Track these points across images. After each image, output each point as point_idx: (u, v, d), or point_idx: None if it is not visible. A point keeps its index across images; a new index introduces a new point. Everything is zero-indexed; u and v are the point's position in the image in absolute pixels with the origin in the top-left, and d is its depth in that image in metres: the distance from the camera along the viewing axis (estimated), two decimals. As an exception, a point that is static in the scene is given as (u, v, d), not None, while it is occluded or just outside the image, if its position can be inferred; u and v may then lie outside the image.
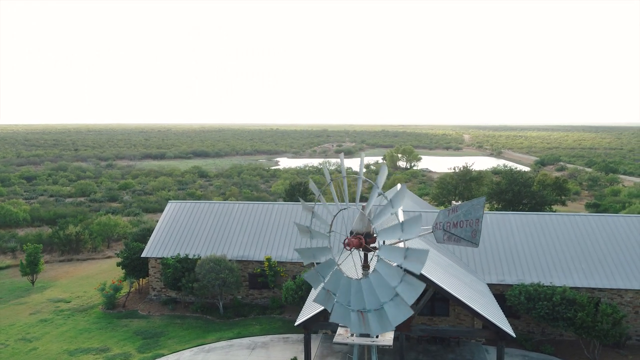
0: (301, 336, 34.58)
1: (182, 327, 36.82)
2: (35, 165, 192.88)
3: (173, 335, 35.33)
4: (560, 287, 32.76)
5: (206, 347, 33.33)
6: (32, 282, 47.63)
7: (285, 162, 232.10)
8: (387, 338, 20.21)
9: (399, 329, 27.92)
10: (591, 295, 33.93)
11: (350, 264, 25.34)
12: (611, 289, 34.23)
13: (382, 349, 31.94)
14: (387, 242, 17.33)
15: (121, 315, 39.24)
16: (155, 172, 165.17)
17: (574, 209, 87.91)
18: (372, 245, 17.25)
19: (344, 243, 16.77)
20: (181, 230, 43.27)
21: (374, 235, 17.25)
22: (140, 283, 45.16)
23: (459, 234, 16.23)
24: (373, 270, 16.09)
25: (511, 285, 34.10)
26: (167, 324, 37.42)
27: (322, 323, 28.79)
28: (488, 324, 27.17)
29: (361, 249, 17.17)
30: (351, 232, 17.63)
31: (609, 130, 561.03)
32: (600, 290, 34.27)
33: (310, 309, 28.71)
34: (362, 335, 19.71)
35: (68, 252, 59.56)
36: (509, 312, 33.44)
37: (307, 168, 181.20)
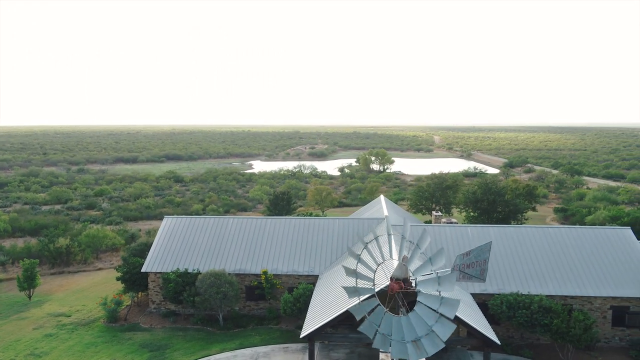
0: (300, 345, 36.97)
1: (185, 339, 38.79)
2: (4, 170, 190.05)
3: (178, 347, 37.29)
4: (537, 295, 35.94)
5: (211, 358, 35.43)
6: (29, 297, 48.76)
7: (259, 166, 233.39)
8: None
9: (395, 339, 30.57)
10: (564, 303, 37.24)
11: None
12: (582, 297, 37.63)
13: (378, 357, 34.58)
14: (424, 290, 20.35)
15: (124, 329, 40.94)
16: (129, 177, 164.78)
17: (544, 212, 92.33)
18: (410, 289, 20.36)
19: (388, 289, 19.57)
20: (179, 245, 45.14)
21: (411, 281, 20.14)
22: (139, 296, 46.80)
23: (471, 273, 19.18)
24: (413, 311, 19.25)
25: (492, 295, 37.12)
26: (170, 336, 39.32)
27: (324, 334, 31.21)
28: (475, 333, 30.00)
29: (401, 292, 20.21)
30: (391, 278, 20.34)
31: (573, 131, 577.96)
32: (572, 297, 37.63)
33: (313, 322, 31.08)
34: (394, 358, 22.68)
35: (58, 264, 60.55)
36: (491, 319, 36.42)
37: (282, 172, 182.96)
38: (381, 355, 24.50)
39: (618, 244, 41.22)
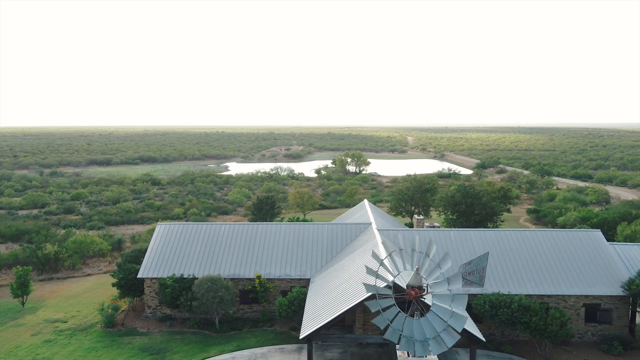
0: (295, 346, 38.88)
1: (183, 342, 40.29)
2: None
3: (177, 350, 38.79)
4: (517, 295, 38.49)
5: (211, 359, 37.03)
6: (23, 304, 49.49)
7: (235, 167, 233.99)
8: (432, 357, 26.56)
9: (389, 339, 32.73)
10: (542, 301, 39.92)
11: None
12: (557, 295, 40.37)
13: (370, 356, 36.71)
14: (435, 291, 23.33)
15: (122, 333, 42.20)
16: (105, 181, 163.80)
17: (517, 213, 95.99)
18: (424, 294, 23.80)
19: (406, 296, 22.62)
20: (173, 251, 46.54)
21: (425, 287, 23.27)
22: (134, 302, 47.99)
23: (471, 279, 21.65)
24: (430, 311, 22.31)
25: (476, 295, 39.54)
26: (168, 339, 40.77)
27: (322, 335, 33.13)
28: (462, 331, 32.27)
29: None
30: (407, 286, 22.91)
31: (542, 132, 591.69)
32: (549, 296, 40.36)
33: (311, 324, 32.96)
34: (417, 356, 25.23)
35: (47, 271, 61.11)
36: (475, 317, 38.84)
37: (259, 174, 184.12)
38: (398, 353, 26.60)
39: (589, 246, 44.15)
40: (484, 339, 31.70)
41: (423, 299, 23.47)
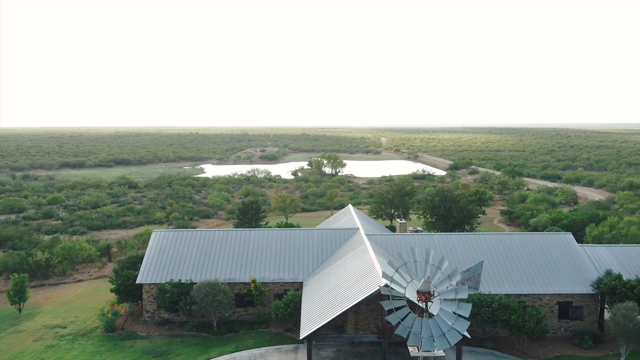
0: (291, 346, 41.26)
1: (184, 344, 42.23)
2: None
3: (179, 352, 40.74)
4: (497, 295, 41.54)
5: (212, 361, 39.08)
6: (20, 310, 50.63)
7: (211, 170, 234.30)
8: (439, 352, 29.93)
9: (382, 337, 35.40)
10: (519, 300, 43.08)
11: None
12: (533, 294, 43.65)
13: (363, 354, 39.28)
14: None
15: (122, 337, 43.88)
16: (81, 184, 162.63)
17: (491, 214, 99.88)
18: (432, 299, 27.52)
19: (417, 300, 26.09)
20: (169, 257, 48.38)
21: (433, 292, 26.72)
22: (133, 306, 49.60)
23: (469, 285, 24.52)
24: (437, 315, 25.85)
25: (459, 295, 42.46)
26: (169, 342, 42.65)
27: (321, 335, 35.52)
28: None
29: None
30: (418, 292, 26.35)
31: (512, 132, 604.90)
32: (525, 295, 43.59)
33: (310, 325, 35.36)
34: (424, 350, 28.94)
35: (38, 277, 62.02)
36: (458, 316, 41.72)
37: (236, 177, 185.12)
38: (410, 349, 29.26)
39: (561, 248, 47.62)
40: (469, 336, 34.53)
41: (431, 302, 26.91)
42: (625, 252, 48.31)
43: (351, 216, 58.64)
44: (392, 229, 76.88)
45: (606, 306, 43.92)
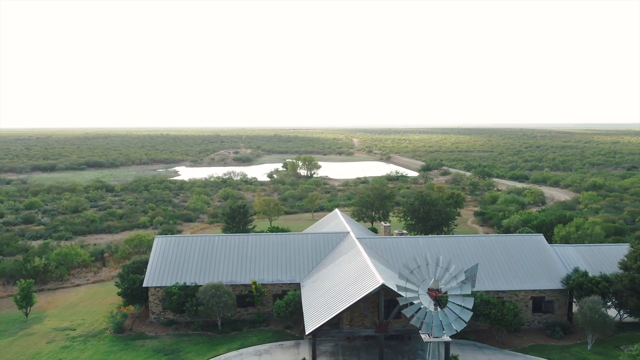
0: (292, 342, 44.91)
1: (191, 343, 45.40)
2: None
3: (189, 350, 43.91)
4: (478, 292, 45.91)
5: (222, 357, 42.50)
6: (26, 314, 52.90)
7: (185, 172, 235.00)
8: (446, 338, 34.15)
9: (379, 331, 39.32)
10: (498, 296, 47.59)
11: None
12: (510, 291, 48.29)
13: (359, 348, 43.13)
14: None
15: (132, 338, 46.79)
16: (55, 188, 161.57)
17: (464, 215, 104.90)
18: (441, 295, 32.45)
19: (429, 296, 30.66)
20: (173, 262, 51.44)
21: (441, 289, 31.48)
22: (142, 308, 52.34)
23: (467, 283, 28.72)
24: (446, 307, 30.74)
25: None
26: (177, 341, 45.75)
27: (324, 331, 39.22)
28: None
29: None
30: (429, 289, 30.93)
31: (481, 133, 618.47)
32: (503, 292, 48.17)
33: (314, 321, 39.03)
34: (435, 337, 33.08)
35: (36, 282, 63.93)
36: (443, 312, 45.99)
37: (212, 179, 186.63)
38: (422, 336, 33.19)
39: (534, 248, 52.45)
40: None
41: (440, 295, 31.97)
42: (590, 251, 53.44)
43: (339, 220, 62.47)
44: (374, 230, 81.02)
45: (574, 300, 48.76)
